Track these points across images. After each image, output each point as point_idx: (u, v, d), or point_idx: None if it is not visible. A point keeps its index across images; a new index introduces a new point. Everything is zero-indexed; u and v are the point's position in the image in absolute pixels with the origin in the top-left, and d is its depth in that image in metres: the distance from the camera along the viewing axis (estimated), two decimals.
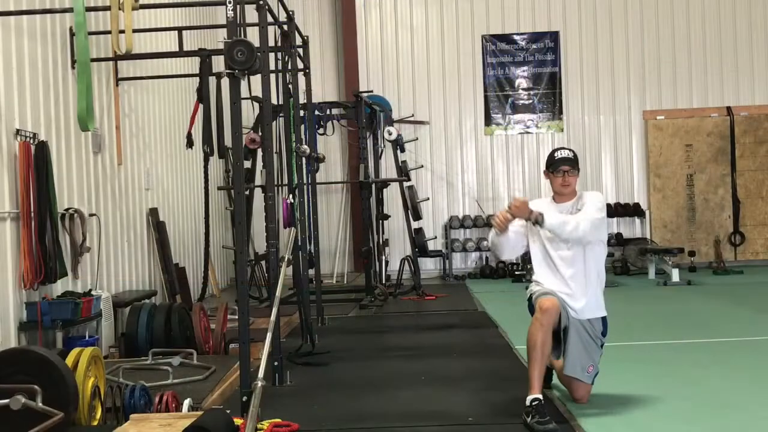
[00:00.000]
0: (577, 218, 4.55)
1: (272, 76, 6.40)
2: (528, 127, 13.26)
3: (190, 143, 7.97)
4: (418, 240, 10.82)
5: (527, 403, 4.23)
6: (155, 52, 8.43)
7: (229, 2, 4.63)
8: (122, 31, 5.96)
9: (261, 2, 5.37)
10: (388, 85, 13.22)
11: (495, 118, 13.26)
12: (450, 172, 13.21)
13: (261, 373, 4.41)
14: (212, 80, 7.86)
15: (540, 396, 4.25)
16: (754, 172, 12.95)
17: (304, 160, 7.22)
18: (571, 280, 4.60)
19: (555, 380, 4.98)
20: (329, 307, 8.86)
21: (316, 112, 9.77)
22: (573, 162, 4.72)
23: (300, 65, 7.69)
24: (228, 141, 7.51)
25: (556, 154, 4.76)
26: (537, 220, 4.50)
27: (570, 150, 4.80)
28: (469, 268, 13.10)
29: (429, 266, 12.89)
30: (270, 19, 5.92)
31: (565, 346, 4.64)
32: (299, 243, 6.55)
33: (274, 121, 7.39)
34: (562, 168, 4.70)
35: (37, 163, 5.64)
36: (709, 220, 12.96)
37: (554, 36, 13.17)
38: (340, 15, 13.29)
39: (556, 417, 4.29)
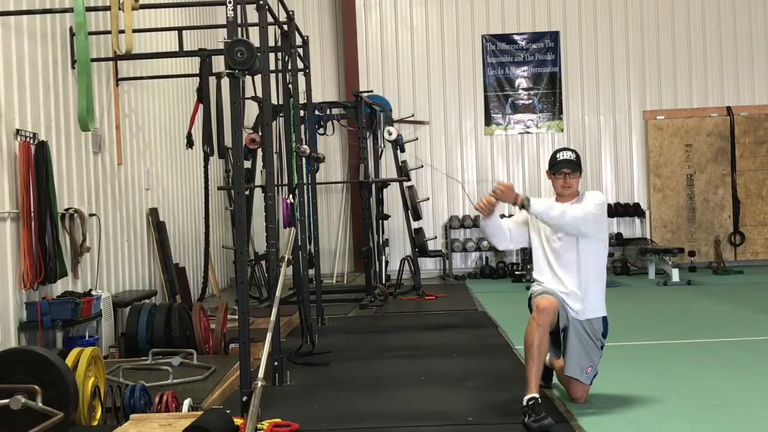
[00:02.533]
0: (566, 206, 4.56)
1: (272, 76, 6.41)
2: (528, 127, 13.26)
3: (190, 143, 7.98)
4: (418, 240, 10.81)
5: (524, 402, 4.24)
6: (155, 52, 8.44)
7: (229, 2, 4.62)
8: (122, 31, 5.96)
9: (261, 2, 5.37)
10: (388, 84, 13.22)
11: (495, 118, 13.26)
12: (450, 172, 13.20)
13: (261, 373, 4.42)
14: (212, 80, 7.87)
15: (536, 395, 4.25)
16: (754, 172, 12.94)
17: (304, 160, 7.22)
18: (562, 271, 4.60)
19: (555, 380, 4.99)
20: (329, 307, 8.86)
21: (316, 112, 9.77)
22: (575, 164, 4.72)
23: (300, 65, 7.69)
24: (228, 141, 7.51)
25: (558, 156, 4.75)
26: (523, 204, 4.52)
27: (573, 151, 4.79)
28: (469, 268, 13.10)
29: (429, 266, 12.89)
30: (270, 19, 5.91)
31: (564, 346, 4.64)
32: (299, 243, 6.54)
33: (274, 121, 7.38)
34: (563, 170, 4.70)
35: (37, 163, 5.64)
36: (709, 220, 12.96)
37: (554, 36, 13.17)
38: (340, 15, 13.29)
39: (556, 416, 4.30)
